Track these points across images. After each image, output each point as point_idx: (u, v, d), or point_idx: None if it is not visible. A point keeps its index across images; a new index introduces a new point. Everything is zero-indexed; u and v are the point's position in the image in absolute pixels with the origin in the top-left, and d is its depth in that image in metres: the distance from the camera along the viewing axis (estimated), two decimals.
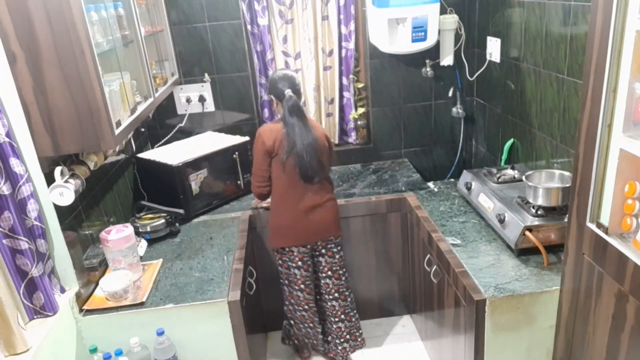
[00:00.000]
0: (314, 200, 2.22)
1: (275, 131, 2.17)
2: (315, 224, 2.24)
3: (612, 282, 1.35)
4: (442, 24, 2.70)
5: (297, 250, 2.27)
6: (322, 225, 2.26)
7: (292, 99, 2.13)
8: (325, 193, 2.26)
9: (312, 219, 2.23)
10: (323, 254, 2.33)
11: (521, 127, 2.45)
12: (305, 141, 2.14)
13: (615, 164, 1.31)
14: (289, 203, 2.22)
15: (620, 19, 1.23)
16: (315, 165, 2.16)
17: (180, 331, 1.86)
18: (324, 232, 2.28)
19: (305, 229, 2.24)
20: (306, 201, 2.21)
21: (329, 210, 2.27)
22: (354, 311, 2.47)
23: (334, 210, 2.30)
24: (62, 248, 1.75)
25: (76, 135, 1.63)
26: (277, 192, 2.23)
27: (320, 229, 2.27)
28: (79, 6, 1.51)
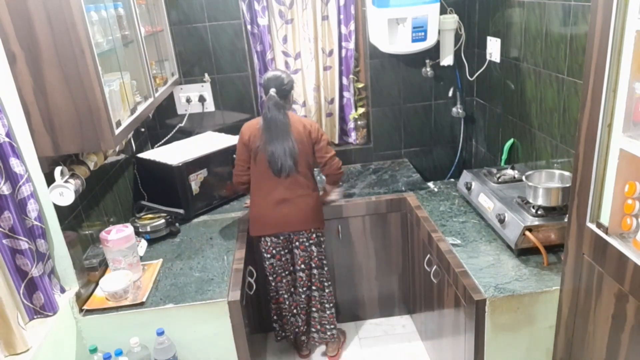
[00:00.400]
0: (284, 194, 2.27)
1: (252, 126, 2.27)
2: (283, 216, 2.29)
3: (612, 282, 1.35)
4: (442, 24, 2.70)
5: (270, 240, 2.35)
6: (291, 219, 2.29)
7: (271, 98, 2.19)
8: (297, 188, 2.27)
9: (281, 211, 2.28)
10: (297, 247, 2.36)
11: (521, 127, 2.45)
12: (277, 138, 2.20)
13: (615, 164, 1.31)
14: (261, 195, 2.30)
15: (620, 19, 1.23)
16: (286, 161, 2.21)
17: (180, 331, 1.86)
18: (293, 225, 2.31)
19: (275, 220, 2.30)
20: (276, 194, 2.27)
21: (298, 205, 2.28)
22: (330, 304, 2.49)
23: (305, 205, 2.29)
24: (62, 248, 1.75)
25: (76, 135, 1.63)
26: (253, 183, 2.33)
27: (288, 221, 2.30)
28: (79, 6, 1.51)
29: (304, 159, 2.26)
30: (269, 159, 2.22)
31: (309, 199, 2.31)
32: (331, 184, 2.45)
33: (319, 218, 2.36)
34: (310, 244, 2.35)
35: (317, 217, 2.34)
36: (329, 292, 2.47)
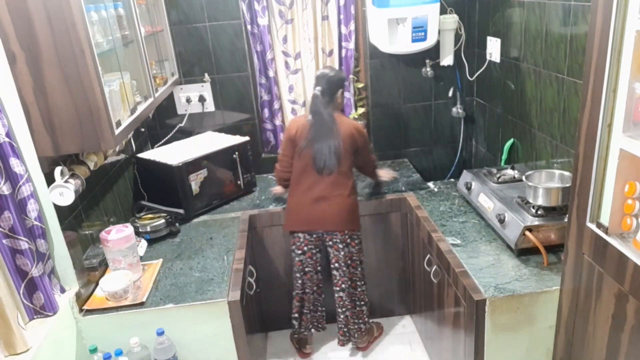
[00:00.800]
0: (323, 192, 2.29)
1: (299, 122, 2.33)
2: (318, 214, 2.31)
3: (612, 282, 1.35)
4: (442, 24, 2.70)
5: (303, 236, 2.37)
6: (325, 217, 2.31)
7: (316, 97, 2.25)
8: (337, 188, 2.29)
9: (317, 209, 2.31)
10: (330, 246, 2.39)
11: (521, 127, 2.45)
12: (324, 136, 2.24)
13: (615, 164, 1.31)
14: (299, 190, 2.34)
15: (620, 19, 1.23)
16: (330, 160, 2.25)
17: (180, 331, 1.86)
18: (327, 225, 2.33)
19: (309, 217, 2.33)
20: (314, 191, 2.30)
21: (334, 205, 2.29)
22: (361, 302, 2.50)
23: (342, 205, 2.30)
24: (62, 248, 1.75)
25: (76, 135, 1.63)
26: (293, 178, 2.36)
27: (323, 220, 2.32)
28: (79, 6, 1.51)
29: (347, 159, 2.29)
30: (314, 156, 2.26)
31: (346, 200, 2.31)
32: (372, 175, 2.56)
33: (355, 220, 2.36)
34: (345, 245, 2.36)
35: (352, 219, 2.35)
36: (361, 290, 2.49)
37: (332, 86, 2.25)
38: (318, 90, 2.24)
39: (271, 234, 2.59)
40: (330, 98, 2.26)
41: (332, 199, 2.29)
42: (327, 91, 2.25)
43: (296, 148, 2.31)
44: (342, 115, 2.34)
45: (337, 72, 2.30)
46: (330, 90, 2.25)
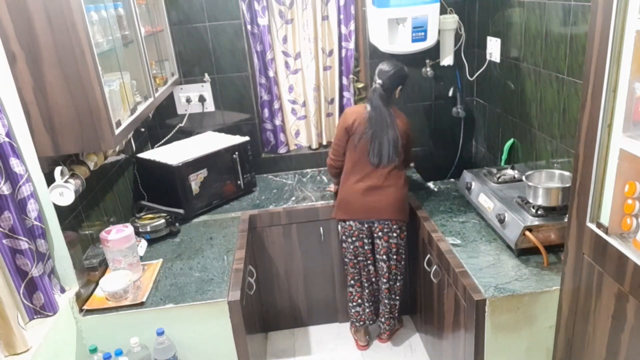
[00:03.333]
0: (375, 182, 2.33)
1: (358, 112, 2.35)
2: (370, 203, 2.34)
3: (612, 282, 1.35)
4: (442, 24, 2.70)
5: (355, 225, 2.40)
6: (378, 206, 2.34)
7: (376, 90, 2.29)
8: (391, 178, 2.33)
9: (369, 198, 2.34)
10: (380, 237, 2.40)
11: (521, 127, 2.45)
12: (384, 129, 2.28)
13: (615, 164, 1.31)
14: (352, 180, 2.37)
15: (620, 19, 1.23)
16: (389, 151, 2.29)
17: (180, 331, 1.86)
18: (379, 213, 2.34)
19: (361, 206, 2.36)
20: (367, 181, 2.33)
21: (387, 193, 2.32)
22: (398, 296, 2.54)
23: (394, 194, 2.33)
24: (62, 248, 1.75)
25: (76, 135, 1.63)
26: (346, 168, 2.40)
27: (375, 209, 2.34)
28: (79, 6, 1.51)
29: (400, 153, 2.34)
30: (373, 147, 2.29)
31: (399, 190, 2.35)
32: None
33: (405, 211, 2.39)
34: (394, 235, 2.39)
35: (403, 209, 2.38)
36: (398, 285, 2.52)
37: (392, 81, 2.29)
38: (379, 83, 2.28)
39: (271, 234, 2.59)
40: (389, 93, 2.31)
41: (386, 189, 2.33)
42: (387, 85, 2.28)
43: (351, 137, 2.33)
44: (398, 110, 2.37)
45: (399, 69, 2.31)
46: (390, 85, 2.29)
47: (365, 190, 2.34)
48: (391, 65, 2.31)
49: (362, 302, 2.57)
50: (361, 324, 2.63)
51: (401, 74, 2.32)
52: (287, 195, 2.73)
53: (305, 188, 2.81)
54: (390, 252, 2.41)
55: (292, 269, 2.68)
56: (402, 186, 2.36)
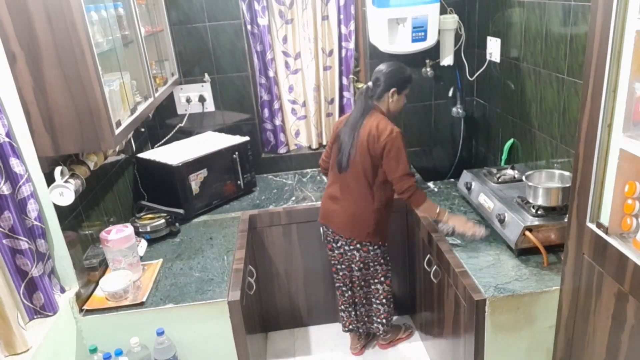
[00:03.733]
0: (336, 191, 2.27)
1: (342, 118, 2.29)
2: (329, 212, 2.32)
3: (612, 282, 1.35)
4: (442, 24, 2.70)
5: (323, 228, 2.40)
6: (334, 218, 2.30)
7: (361, 90, 2.20)
8: (346, 191, 2.22)
9: (330, 207, 2.31)
10: (335, 247, 2.38)
11: (521, 127, 2.45)
12: (347, 133, 2.17)
13: (615, 164, 1.31)
14: (327, 183, 2.36)
15: (620, 19, 1.23)
16: (342, 158, 2.18)
17: (180, 331, 1.86)
18: (333, 225, 2.31)
19: (324, 210, 2.35)
20: (331, 188, 2.31)
21: (341, 208, 2.25)
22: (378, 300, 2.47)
23: (346, 211, 2.23)
24: (62, 248, 1.75)
25: (76, 135, 1.63)
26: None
27: (331, 219, 2.31)
28: (79, 6, 1.51)
29: (363, 162, 2.12)
30: (338, 151, 2.22)
31: (352, 207, 2.21)
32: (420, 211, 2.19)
33: (359, 230, 2.23)
34: (351, 249, 2.32)
35: (355, 228, 2.23)
36: (374, 289, 2.45)
37: (385, 82, 2.11)
38: (368, 84, 2.16)
39: (271, 234, 2.59)
40: (379, 94, 2.13)
41: (341, 202, 2.24)
42: (376, 86, 2.13)
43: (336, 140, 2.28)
44: (378, 115, 2.12)
45: (395, 70, 2.13)
46: (380, 85, 2.12)
47: (327, 197, 2.32)
48: (388, 65, 2.13)
49: (346, 307, 2.54)
50: (346, 329, 2.59)
51: (397, 75, 2.12)
52: (287, 195, 2.73)
53: (305, 188, 2.81)
54: (349, 263, 2.38)
55: (292, 269, 2.68)
56: (355, 203, 2.18)
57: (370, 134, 2.09)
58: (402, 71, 2.15)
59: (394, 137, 2.06)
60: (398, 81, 2.13)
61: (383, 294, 2.46)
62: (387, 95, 2.14)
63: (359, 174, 2.16)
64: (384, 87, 2.13)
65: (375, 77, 2.15)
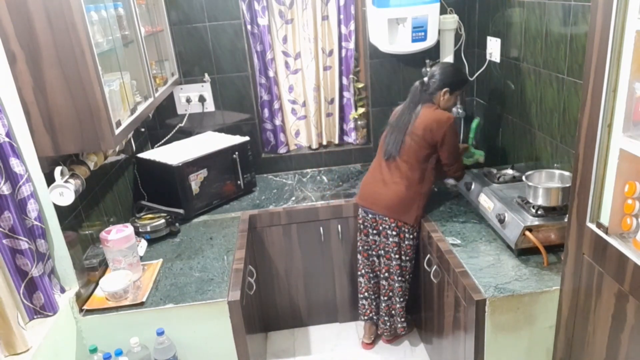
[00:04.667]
0: (384, 175, 2.32)
1: (397, 109, 2.38)
2: (374, 195, 2.35)
3: (612, 282, 1.35)
4: (442, 24, 2.70)
5: (363, 212, 2.43)
6: (379, 200, 2.33)
7: (415, 87, 2.27)
8: (396, 174, 2.28)
9: (374, 189, 2.36)
10: (379, 232, 2.39)
11: (521, 127, 2.45)
12: (400, 123, 2.26)
13: (615, 164, 1.31)
14: (370, 169, 2.44)
15: (620, 19, 1.23)
16: (393, 148, 2.27)
17: (180, 331, 1.86)
18: (379, 207, 2.33)
19: (367, 195, 2.39)
20: (376, 173, 2.36)
21: (390, 190, 2.29)
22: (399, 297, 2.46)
23: (396, 193, 2.28)
24: (62, 248, 1.75)
25: (76, 135, 1.63)
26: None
27: (377, 201, 2.34)
28: (79, 6, 1.51)
29: (417, 151, 2.24)
30: (387, 140, 2.31)
31: (402, 188, 2.28)
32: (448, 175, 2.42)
33: (407, 212, 2.30)
34: (393, 234, 2.34)
35: (404, 209, 2.30)
36: (398, 286, 2.44)
37: (439, 80, 2.22)
38: (423, 79, 2.26)
39: (271, 234, 2.59)
40: (433, 90, 2.23)
41: (389, 185, 2.30)
42: (430, 84, 2.23)
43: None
44: (433, 107, 2.25)
45: (450, 70, 2.26)
46: (434, 83, 2.23)
47: (373, 181, 2.37)
48: (445, 65, 2.28)
49: (368, 295, 2.55)
50: (365, 318, 2.61)
51: (452, 76, 2.23)
52: (287, 195, 2.73)
53: (305, 188, 2.81)
54: (388, 250, 2.38)
55: (292, 269, 2.68)
56: (405, 185, 2.27)
57: (428, 125, 2.20)
58: (458, 73, 2.29)
59: (450, 126, 2.20)
60: (452, 82, 2.24)
61: (406, 291, 2.49)
62: (439, 93, 2.24)
63: (413, 159, 2.25)
64: (439, 84, 2.23)
65: (431, 74, 2.26)
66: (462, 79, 2.29)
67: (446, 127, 2.19)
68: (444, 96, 2.24)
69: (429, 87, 2.25)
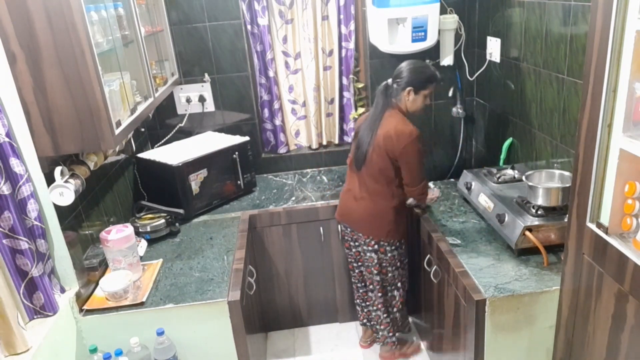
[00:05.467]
0: (353, 188, 2.24)
1: (364, 115, 2.28)
2: (347, 209, 2.30)
3: (612, 282, 1.35)
4: (442, 24, 2.70)
5: (342, 226, 2.39)
6: (351, 215, 2.27)
7: (379, 88, 2.14)
8: (363, 188, 2.19)
9: (347, 203, 2.29)
10: (352, 245, 2.37)
11: (521, 127, 2.45)
12: (366, 131, 2.14)
13: (615, 164, 1.31)
14: (347, 177, 2.34)
15: (620, 19, 1.23)
16: (358, 156, 2.17)
17: (180, 331, 1.86)
18: (351, 223, 2.28)
19: (342, 209, 2.34)
20: (349, 184, 2.28)
21: (360, 206, 2.22)
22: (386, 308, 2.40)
23: (365, 209, 2.20)
24: (62, 248, 1.75)
25: (76, 135, 1.63)
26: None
27: (349, 217, 2.29)
28: (79, 6, 1.51)
29: (380, 162, 2.10)
30: (354, 149, 2.22)
31: (369, 204, 2.18)
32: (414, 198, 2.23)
33: (378, 228, 2.21)
34: (369, 249, 2.27)
35: (375, 225, 2.20)
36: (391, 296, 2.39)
37: (402, 80, 2.07)
38: (387, 81, 2.12)
39: (271, 234, 2.59)
40: (396, 92, 2.10)
41: (359, 200, 2.21)
42: (394, 84, 2.10)
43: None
44: (397, 115, 2.10)
45: (413, 68, 2.08)
46: (399, 83, 2.08)
47: (346, 194, 2.30)
48: (409, 63, 2.10)
49: (359, 302, 2.57)
50: (360, 323, 2.63)
51: (416, 74, 2.06)
52: (287, 195, 2.73)
53: (305, 188, 2.81)
54: (368, 264, 2.31)
55: (292, 269, 2.68)
56: (373, 201, 2.17)
57: (388, 136, 2.06)
58: (423, 70, 2.10)
59: (411, 142, 2.03)
60: (416, 80, 2.07)
61: (400, 300, 2.41)
62: (403, 94, 2.10)
63: (376, 172, 2.14)
64: (402, 85, 2.09)
65: (395, 74, 2.12)
66: (427, 77, 2.09)
67: (406, 142, 2.02)
68: (409, 96, 2.09)
69: (396, 87, 2.10)
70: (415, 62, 2.14)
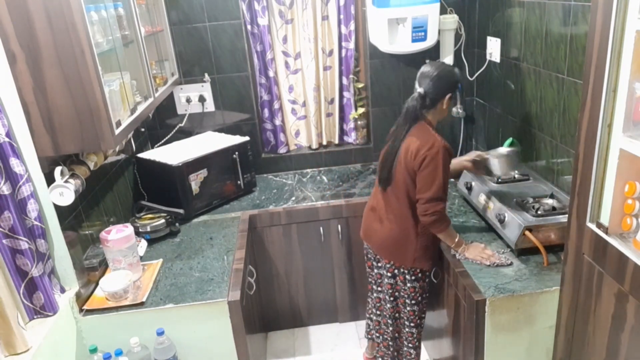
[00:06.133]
0: (379, 209, 2.05)
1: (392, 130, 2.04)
2: (370, 230, 2.12)
3: (612, 282, 1.35)
4: (442, 24, 2.70)
5: (364, 244, 2.21)
6: (374, 237, 2.10)
7: (411, 100, 1.89)
8: (389, 209, 1.99)
9: (371, 224, 2.11)
10: (374, 265, 2.19)
11: (521, 127, 2.45)
12: (392, 146, 1.95)
13: (615, 164, 1.31)
14: (372, 193, 2.15)
15: (620, 19, 1.23)
16: (383, 172, 1.98)
17: (180, 331, 1.86)
18: (374, 245, 2.10)
19: (366, 228, 2.16)
20: (375, 203, 2.08)
21: (384, 229, 2.02)
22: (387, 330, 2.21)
23: (388, 232, 2.01)
24: (62, 248, 1.75)
25: (76, 135, 1.63)
26: None
27: (372, 238, 2.12)
28: (79, 6, 1.51)
29: (402, 180, 1.91)
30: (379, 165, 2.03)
31: (394, 227, 1.98)
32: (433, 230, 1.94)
33: (402, 254, 1.99)
34: (388, 275, 2.08)
35: (398, 251, 2.00)
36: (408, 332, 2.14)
37: (437, 88, 1.85)
38: (419, 92, 1.85)
39: (271, 234, 2.59)
40: (432, 103, 1.88)
41: (384, 222, 2.01)
42: (430, 94, 1.86)
43: None
44: (423, 126, 1.91)
45: (446, 71, 1.87)
46: (434, 92, 1.85)
47: (370, 213, 2.10)
48: (435, 67, 1.86)
49: (369, 316, 2.38)
50: (367, 337, 2.44)
51: (449, 77, 1.88)
52: (287, 195, 2.73)
53: (305, 188, 2.81)
54: (386, 288, 2.13)
55: (292, 269, 2.68)
56: (397, 223, 1.97)
57: (410, 149, 1.87)
58: (452, 72, 1.93)
59: (435, 152, 1.82)
60: (452, 84, 1.91)
61: (417, 336, 2.15)
62: (441, 103, 1.90)
63: (401, 191, 1.93)
64: (440, 92, 1.87)
65: (425, 82, 1.86)
66: (457, 77, 1.96)
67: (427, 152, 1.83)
68: (448, 103, 1.92)
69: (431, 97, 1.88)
70: (440, 65, 1.91)
